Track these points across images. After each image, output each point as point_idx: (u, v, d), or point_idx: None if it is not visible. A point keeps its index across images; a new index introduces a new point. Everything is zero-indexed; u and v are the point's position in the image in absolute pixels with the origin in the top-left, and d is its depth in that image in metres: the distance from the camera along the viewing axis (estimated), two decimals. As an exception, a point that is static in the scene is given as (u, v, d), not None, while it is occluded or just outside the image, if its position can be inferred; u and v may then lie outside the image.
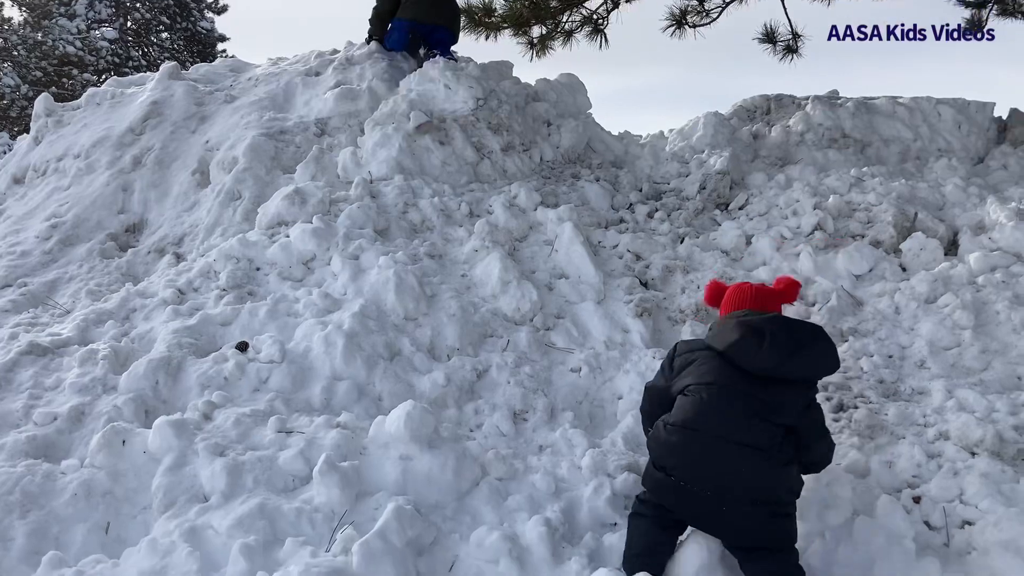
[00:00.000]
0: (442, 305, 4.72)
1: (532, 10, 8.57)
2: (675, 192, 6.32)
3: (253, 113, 6.49)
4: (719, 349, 3.06)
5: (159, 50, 28.55)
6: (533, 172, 6.35)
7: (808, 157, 6.68)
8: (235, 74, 7.45)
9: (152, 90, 6.83)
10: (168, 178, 6.18)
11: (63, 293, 5.28)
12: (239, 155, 5.99)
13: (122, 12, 27.02)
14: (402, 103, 6.21)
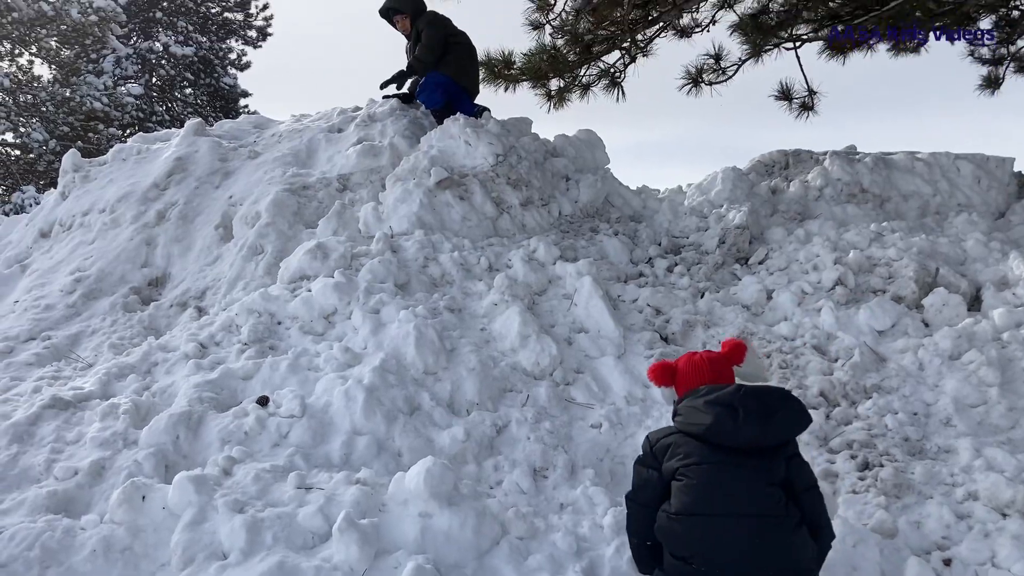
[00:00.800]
0: (462, 359, 4.72)
1: (550, 64, 8.70)
2: (694, 246, 6.33)
3: (276, 169, 6.59)
4: (696, 433, 3.01)
5: (183, 105, 29.09)
6: (552, 226, 6.38)
7: (827, 212, 6.68)
8: (259, 130, 7.58)
9: (177, 146, 6.95)
10: (191, 232, 6.26)
11: (86, 346, 5.32)
12: (262, 210, 6.06)
13: (148, 69, 27.59)
14: (423, 159, 6.29)
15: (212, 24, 29.97)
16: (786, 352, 4.98)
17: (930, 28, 9.42)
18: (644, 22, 8.99)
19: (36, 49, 22.71)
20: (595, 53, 9.03)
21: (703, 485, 2.89)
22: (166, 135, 7.71)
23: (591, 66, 9.09)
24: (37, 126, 21.71)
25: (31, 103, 21.98)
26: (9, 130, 22.41)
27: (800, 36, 9.44)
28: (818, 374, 4.72)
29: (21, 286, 6.12)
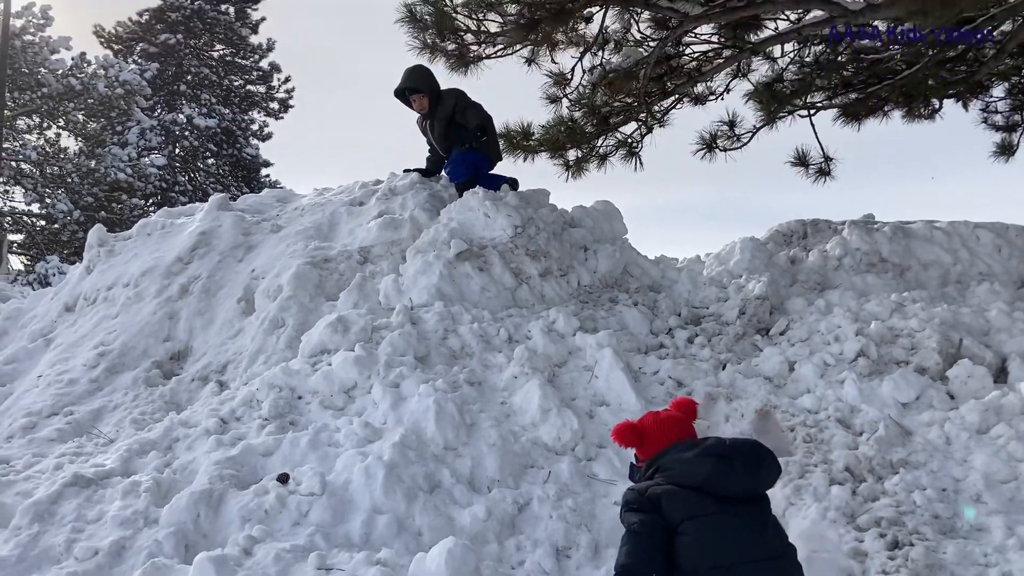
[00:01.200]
0: (482, 434, 4.70)
1: (568, 135, 8.84)
2: (714, 317, 6.31)
3: (299, 242, 6.67)
4: (695, 484, 2.98)
5: (205, 175, 29.65)
6: (571, 297, 6.40)
7: (847, 282, 6.67)
8: (282, 204, 7.69)
9: (201, 220, 7.06)
10: (214, 306, 6.32)
11: (108, 422, 5.33)
12: (284, 283, 6.12)
13: (171, 140, 28.19)
14: (443, 231, 6.35)
15: (235, 96, 30.71)
16: (810, 426, 4.93)
17: (943, 96, 9.52)
18: (660, 93, 9.14)
19: (64, 122, 23.31)
20: (612, 124, 9.17)
21: (719, 536, 2.89)
22: (190, 209, 7.84)
23: (608, 137, 9.23)
24: (62, 197, 22.15)
25: (57, 174, 22.47)
26: (35, 201, 22.89)
27: (815, 104, 9.56)
28: (843, 448, 4.65)
29: (45, 360, 6.17)
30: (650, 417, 3.34)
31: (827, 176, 9.53)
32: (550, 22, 7.59)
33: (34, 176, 22.60)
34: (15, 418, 5.45)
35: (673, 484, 3.02)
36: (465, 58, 7.71)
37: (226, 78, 30.83)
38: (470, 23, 7.60)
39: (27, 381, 5.97)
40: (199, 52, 30.31)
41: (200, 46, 30.40)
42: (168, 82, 29.15)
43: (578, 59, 8.57)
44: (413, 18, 7.29)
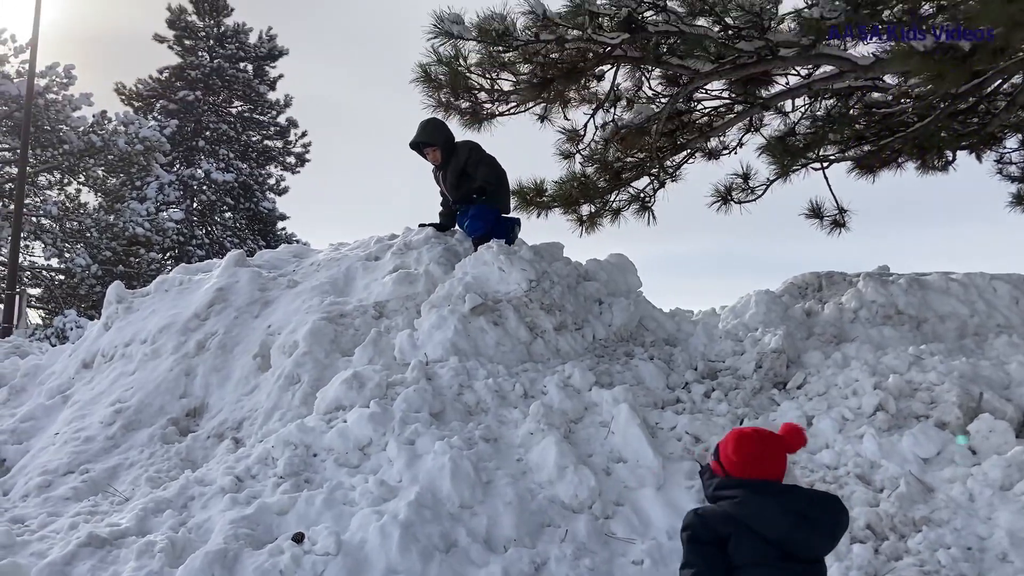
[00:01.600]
0: (498, 492, 4.66)
1: (581, 190, 8.91)
2: (731, 371, 6.28)
3: (315, 298, 6.70)
4: (765, 535, 2.89)
5: (222, 229, 29.96)
6: (586, 351, 6.39)
7: (864, 335, 6.63)
8: (298, 259, 7.75)
9: (219, 276, 7.11)
10: (230, 362, 6.33)
11: (123, 480, 5.33)
12: (299, 339, 6.14)
13: (189, 194, 28.56)
14: (458, 286, 6.38)
15: (252, 151, 31.16)
16: (830, 482, 4.86)
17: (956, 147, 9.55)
18: (672, 148, 9.22)
19: (84, 178, 23.67)
20: (625, 179, 9.25)
21: None
22: (208, 265, 7.91)
23: (621, 191, 9.31)
24: (81, 251, 22.39)
25: (76, 229, 22.74)
26: (55, 255, 23.14)
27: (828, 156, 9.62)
28: (864, 505, 4.58)
29: (62, 417, 6.19)
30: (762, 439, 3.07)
31: (842, 227, 9.57)
32: (562, 81, 7.71)
33: (54, 231, 22.89)
34: (31, 476, 5.45)
35: (744, 523, 2.90)
36: (479, 116, 7.84)
37: (244, 133, 31.32)
38: (483, 82, 7.73)
39: (44, 438, 5.98)
40: (218, 108, 30.85)
41: (219, 103, 30.96)
42: (187, 138, 29.62)
43: (590, 116, 8.68)
44: (428, 78, 7.42)
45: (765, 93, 8.79)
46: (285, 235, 30.67)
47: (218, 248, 28.92)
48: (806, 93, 8.90)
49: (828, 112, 9.48)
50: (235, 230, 30.05)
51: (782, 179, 9.51)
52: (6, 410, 6.64)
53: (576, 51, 7.47)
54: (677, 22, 7.67)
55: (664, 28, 7.61)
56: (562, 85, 7.81)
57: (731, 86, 8.92)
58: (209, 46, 30.58)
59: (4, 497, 5.42)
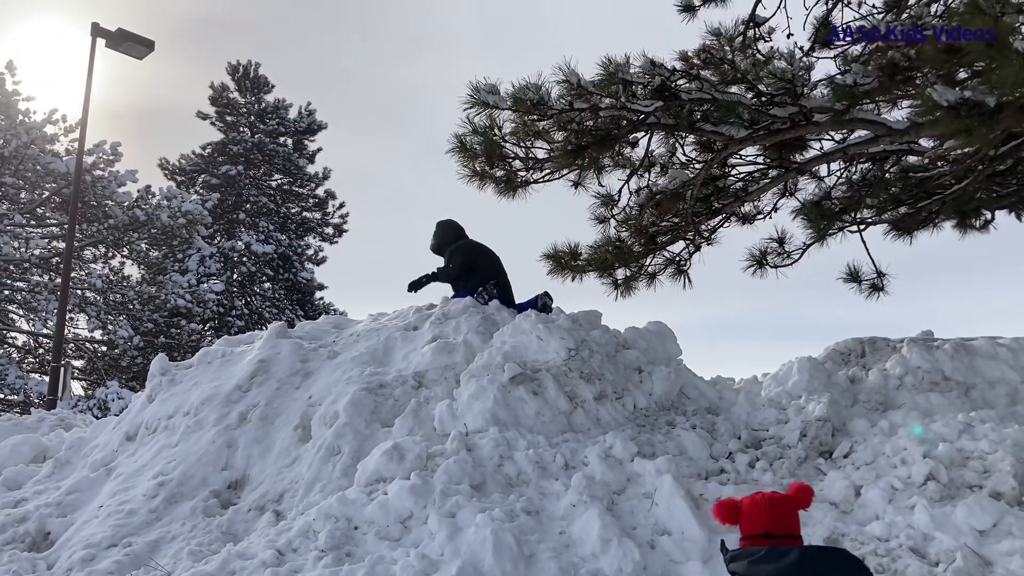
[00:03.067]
0: (542, 566, 4.59)
1: (616, 255, 8.94)
2: (775, 440, 6.18)
3: (354, 368, 6.74)
4: None
5: (261, 299, 30.35)
6: (627, 420, 6.33)
7: (910, 401, 6.50)
8: (338, 330, 7.82)
9: (260, 348, 7.19)
10: (271, 434, 6.36)
11: (166, 553, 5.33)
12: (340, 410, 6.16)
13: (229, 266, 29.04)
14: (496, 355, 6.38)
15: (291, 223, 31.70)
16: (881, 555, 4.73)
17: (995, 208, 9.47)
18: (707, 213, 9.25)
19: (128, 251, 24.17)
20: (660, 243, 9.27)
21: None
22: (250, 337, 8.00)
23: (656, 255, 9.32)
24: (124, 323, 22.76)
25: (120, 301, 23.16)
26: (98, 327, 23.54)
27: (865, 219, 9.58)
28: (919, 579, 4.45)
29: (106, 490, 6.23)
30: (750, 497, 3.23)
31: (880, 291, 9.48)
32: (596, 148, 7.80)
33: (98, 303, 23.33)
34: (75, 550, 5.47)
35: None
36: (513, 183, 7.96)
37: (283, 206, 31.93)
38: (518, 150, 7.86)
39: (88, 511, 6.02)
40: (258, 182, 31.54)
41: (259, 176, 31.66)
42: (228, 210, 30.25)
43: (624, 182, 8.75)
44: (463, 148, 7.56)
45: (800, 158, 8.83)
46: (323, 305, 31.00)
47: (257, 319, 29.29)
48: (841, 158, 8.92)
49: (864, 176, 9.48)
50: (274, 300, 30.43)
51: (819, 243, 9.49)
52: (51, 483, 6.70)
53: (610, 119, 7.57)
54: (710, 90, 7.76)
55: (697, 96, 7.71)
56: (596, 152, 7.90)
57: (765, 151, 8.97)
58: (250, 122, 31.42)
59: (49, 571, 5.44)
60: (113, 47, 14.92)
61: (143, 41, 14.95)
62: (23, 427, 8.56)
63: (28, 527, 5.89)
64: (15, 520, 5.96)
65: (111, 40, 14.78)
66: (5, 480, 6.92)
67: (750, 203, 9.68)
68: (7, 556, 5.52)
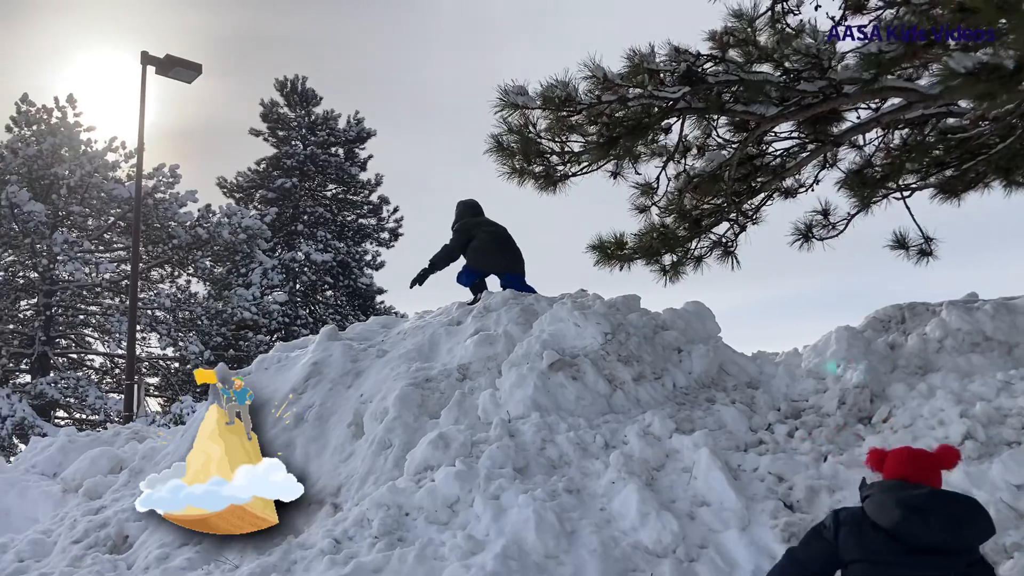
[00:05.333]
0: (583, 541, 4.79)
1: (661, 240, 9.04)
2: (814, 409, 6.26)
3: (402, 365, 7.01)
4: (884, 526, 3.11)
5: (324, 307, 31.04)
6: (667, 399, 6.48)
7: (951, 363, 6.51)
8: (386, 330, 8.12)
9: (313, 352, 7.51)
10: (327, 432, 6.67)
11: (232, 548, 5.65)
12: (389, 405, 6.43)
13: (291, 276, 29.75)
14: (535, 344, 6.59)
15: (348, 231, 32.31)
16: (917, 513, 4.81)
17: (1045, 162, 9.31)
18: (748, 192, 9.29)
19: (193, 269, 24.97)
20: (704, 226, 9.33)
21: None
22: (304, 342, 8.34)
23: (702, 238, 9.39)
24: (194, 339, 23.53)
25: (188, 318, 23.95)
26: (169, 345, 24.39)
27: (909, 185, 9.51)
28: (953, 535, 4.52)
29: (176, 493, 6.60)
30: (898, 449, 3.53)
31: (929, 256, 9.40)
32: (629, 138, 7.93)
33: (167, 322, 24.17)
34: (151, 550, 5.83)
35: (865, 520, 3.23)
36: (552, 178, 8.13)
37: (339, 214, 32.57)
38: (554, 146, 8.03)
39: (160, 514, 6.39)
40: (313, 193, 32.24)
41: (314, 187, 32.36)
42: (286, 223, 31.00)
43: (662, 168, 8.85)
44: (500, 147, 7.76)
45: (836, 130, 8.82)
46: (384, 308, 31.53)
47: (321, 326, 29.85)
48: (876, 126, 8.88)
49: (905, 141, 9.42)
50: (336, 307, 31.08)
51: (863, 212, 9.46)
52: (127, 491, 7.09)
53: (640, 108, 7.69)
54: (737, 71, 7.83)
55: (724, 78, 7.78)
56: (629, 142, 8.03)
57: (799, 126, 8.98)
58: (301, 135, 32.09)
59: (129, 571, 5.82)
60: (163, 73, 15.48)
61: (191, 65, 15.50)
62: (100, 441, 9.04)
63: (108, 531, 6.28)
64: (96, 526, 6.36)
65: (160, 67, 15.34)
66: (86, 491, 7.36)
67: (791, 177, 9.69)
68: (90, 559, 5.92)
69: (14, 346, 23.23)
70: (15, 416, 19.45)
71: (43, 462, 8.70)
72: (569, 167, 8.23)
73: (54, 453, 8.82)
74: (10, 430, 18.98)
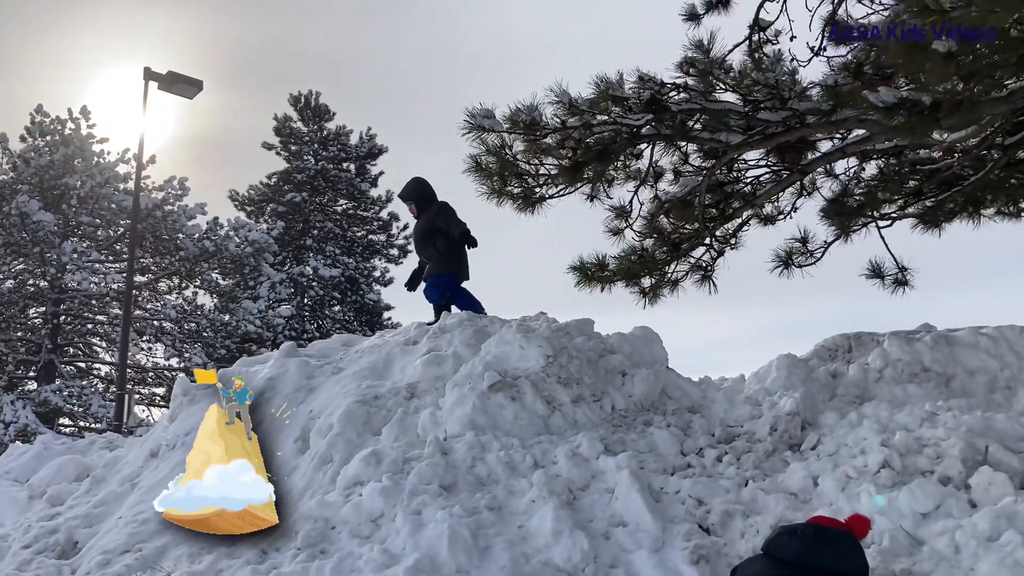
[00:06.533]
0: (494, 557, 4.94)
1: (641, 264, 9.18)
2: (747, 435, 6.38)
3: (353, 382, 7.19)
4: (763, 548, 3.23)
5: (331, 322, 31.32)
6: (604, 421, 6.61)
7: (887, 393, 6.61)
8: (346, 348, 8.30)
9: (270, 367, 7.71)
10: (274, 447, 6.83)
11: (170, 557, 5.84)
12: (334, 421, 6.61)
13: (299, 291, 30.09)
14: (479, 365, 6.75)
15: (357, 246, 32.66)
16: (821, 540, 4.91)
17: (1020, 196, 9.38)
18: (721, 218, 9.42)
19: (200, 281, 25.34)
20: (683, 250, 9.47)
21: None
22: (266, 358, 8.54)
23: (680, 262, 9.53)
24: (198, 351, 23.85)
25: (194, 330, 24.29)
26: (174, 356, 24.73)
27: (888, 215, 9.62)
28: (850, 562, 4.62)
29: (128, 502, 6.80)
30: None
31: (905, 285, 9.49)
32: (597, 163, 8.10)
33: (174, 333, 24.53)
34: (94, 556, 6.04)
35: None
36: (530, 200, 8.31)
37: (349, 230, 32.94)
38: (530, 168, 8.22)
39: (111, 522, 6.60)
40: (324, 208, 32.64)
41: (325, 202, 32.76)
42: (295, 237, 31.37)
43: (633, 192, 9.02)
44: (479, 167, 7.95)
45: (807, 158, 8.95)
46: (392, 324, 31.78)
47: (327, 340, 30.22)
48: (840, 157, 9.01)
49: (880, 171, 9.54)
50: (344, 323, 31.35)
51: (843, 240, 9.57)
52: (86, 499, 7.31)
53: (606, 134, 7.86)
54: (699, 99, 8.00)
55: (687, 106, 7.95)
56: (598, 166, 8.20)
57: (767, 155, 9.13)
58: (313, 150, 32.53)
59: (73, 574, 6.03)
60: (165, 89, 15.87)
61: (192, 82, 15.88)
62: (75, 449, 9.26)
63: (58, 537, 6.50)
64: (47, 532, 6.58)
65: (163, 82, 15.73)
66: (49, 497, 7.59)
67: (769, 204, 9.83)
68: (36, 563, 6.14)
69: (21, 353, 23.67)
70: (18, 422, 19.82)
71: (17, 468, 8.95)
72: (546, 189, 8.41)
73: (29, 460, 9.06)
74: (12, 436, 19.32)
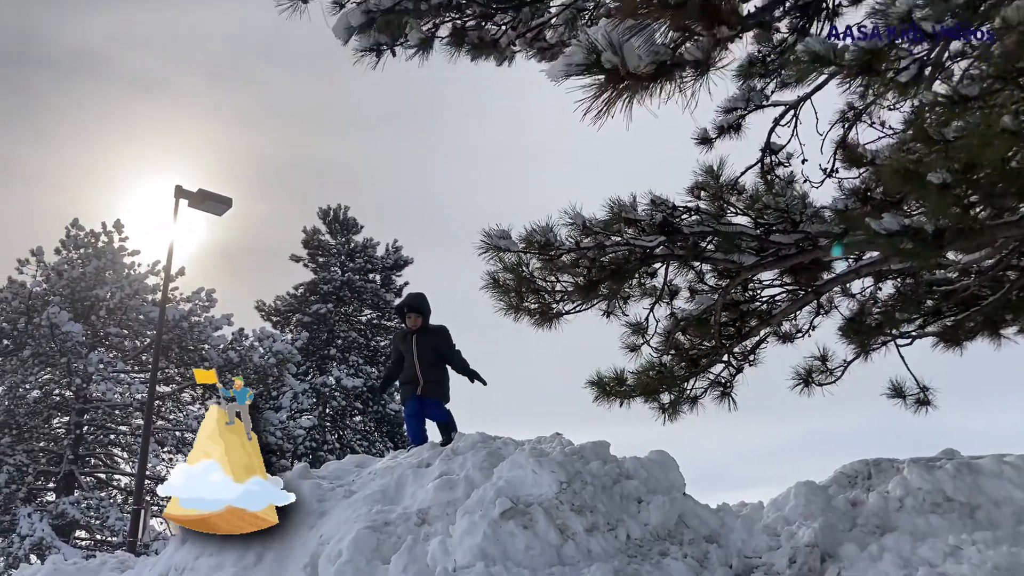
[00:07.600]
0: None
1: (659, 379, 9.15)
2: (765, 567, 6.20)
3: (364, 506, 7.09)
4: None
5: (352, 433, 31.16)
6: (619, 551, 6.45)
7: (908, 524, 6.42)
8: (359, 469, 8.23)
9: (282, 489, 7.63)
10: (282, 573, 6.73)
11: None
12: (343, 548, 6.50)
13: (321, 401, 30.07)
14: (490, 490, 6.66)
15: (380, 356, 32.71)
16: None
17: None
18: (737, 336, 9.43)
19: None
20: (702, 366, 9.45)
21: None
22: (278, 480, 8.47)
23: (699, 379, 9.49)
24: (222, 462, 23.63)
25: (215, 441, 24.13)
26: (196, 468, 24.54)
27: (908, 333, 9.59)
28: None
29: (133, 630, 6.69)
30: None
31: (927, 405, 9.38)
32: (611, 281, 8.20)
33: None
34: None
35: None
36: (547, 315, 8.38)
37: (372, 339, 33.11)
38: (547, 284, 8.32)
39: (113, 651, 6.47)
40: (348, 318, 32.93)
41: (350, 313, 33.07)
42: (320, 347, 31.56)
43: (649, 310, 9.10)
44: (496, 284, 8.06)
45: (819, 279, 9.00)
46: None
47: (349, 451, 30.00)
48: (856, 278, 9.06)
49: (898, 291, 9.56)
50: (364, 433, 31.19)
51: (863, 358, 9.52)
52: (92, 623, 7.21)
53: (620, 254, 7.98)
54: (711, 222, 8.13)
55: (699, 228, 8.08)
56: (612, 285, 8.29)
57: (781, 275, 9.19)
58: (340, 261, 33.07)
59: None
60: (195, 206, 16.29)
61: (221, 199, 16.31)
62: (87, 570, 9.16)
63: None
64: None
65: (192, 200, 16.16)
66: (56, 621, 7.48)
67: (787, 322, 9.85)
68: None
69: (42, 464, 23.66)
70: (34, 535, 19.66)
71: (26, 590, 8.85)
72: (563, 305, 8.49)
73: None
74: (27, 549, 19.14)
